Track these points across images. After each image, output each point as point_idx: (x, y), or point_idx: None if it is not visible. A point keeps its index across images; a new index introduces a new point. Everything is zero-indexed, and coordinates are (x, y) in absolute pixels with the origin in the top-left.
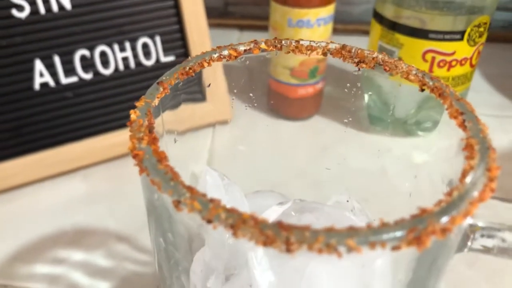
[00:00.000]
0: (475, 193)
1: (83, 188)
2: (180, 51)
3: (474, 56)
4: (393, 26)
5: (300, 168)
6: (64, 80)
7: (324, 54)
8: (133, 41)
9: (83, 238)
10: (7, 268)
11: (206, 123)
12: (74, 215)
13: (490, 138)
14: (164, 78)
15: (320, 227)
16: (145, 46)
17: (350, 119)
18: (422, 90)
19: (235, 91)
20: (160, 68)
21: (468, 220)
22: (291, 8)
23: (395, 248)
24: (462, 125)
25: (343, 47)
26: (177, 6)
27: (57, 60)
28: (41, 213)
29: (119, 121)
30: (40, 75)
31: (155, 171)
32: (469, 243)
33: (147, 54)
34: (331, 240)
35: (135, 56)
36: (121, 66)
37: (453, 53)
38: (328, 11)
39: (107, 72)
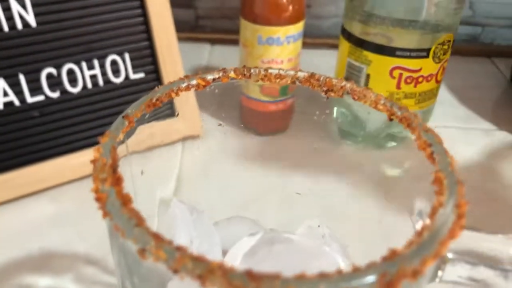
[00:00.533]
0: (445, 232)
1: (51, 209)
2: (150, 68)
3: (440, 72)
4: (361, 43)
5: (271, 186)
6: (30, 99)
7: (293, 82)
8: (101, 59)
9: (51, 261)
10: None
11: (176, 139)
12: (41, 238)
13: (458, 171)
14: (129, 111)
15: (291, 264)
16: (114, 63)
17: (321, 134)
18: (391, 119)
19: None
20: (129, 85)
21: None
22: (261, 26)
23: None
24: (431, 158)
25: (312, 75)
26: (146, 23)
27: (22, 78)
28: (7, 236)
29: (87, 140)
30: (4, 94)
31: (118, 215)
32: (440, 274)
33: (116, 71)
34: None
35: (104, 73)
36: (89, 84)
37: (419, 70)
38: (297, 28)
39: (75, 90)
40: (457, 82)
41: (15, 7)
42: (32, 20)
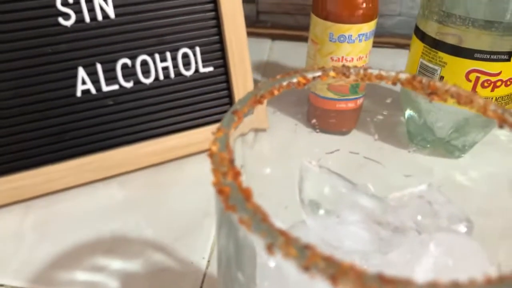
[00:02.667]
0: None
1: (121, 195)
2: (219, 62)
3: None
4: (436, 44)
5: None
6: (105, 88)
7: (394, 83)
8: (173, 51)
9: (121, 245)
10: (45, 274)
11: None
12: (111, 222)
13: None
14: (238, 107)
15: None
16: (185, 56)
17: (388, 135)
18: (501, 127)
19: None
20: (198, 78)
21: None
22: (333, 23)
23: None
24: None
25: (414, 77)
26: (217, 18)
27: (99, 68)
28: (80, 218)
29: (158, 130)
30: (83, 83)
31: (243, 209)
32: None
33: (186, 64)
34: None
35: (175, 66)
36: (161, 76)
37: (499, 73)
38: (370, 26)
39: (147, 81)
40: None
41: (97, 0)
42: (111, 12)
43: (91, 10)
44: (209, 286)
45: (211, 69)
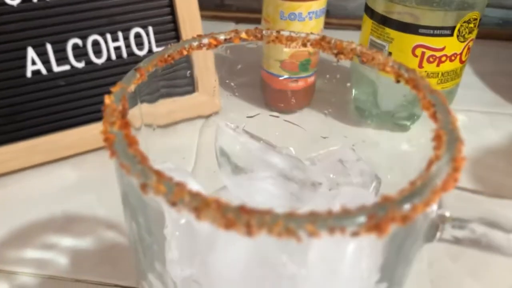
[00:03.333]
0: (438, 182)
1: (74, 176)
2: (173, 41)
3: (464, 52)
4: (384, 21)
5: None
6: (56, 68)
7: (304, 45)
8: (126, 31)
9: (73, 224)
10: None
11: (194, 115)
12: (64, 202)
13: (459, 129)
14: (142, 64)
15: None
16: (137, 36)
17: (338, 112)
18: (398, 81)
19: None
20: None
21: (436, 211)
22: (283, 1)
23: (354, 234)
24: (433, 117)
25: (323, 38)
26: None
27: (49, 48)
28: (32, 199)
29: None
30: (33, 63)
31: (124, 154)
32: (438, 234)
33: (139, 44)
34: (290, 224)
35: (128, 46)
36: (113, 56)
37: (443, 49)
38: (319, 4)
39: (99, 61)
40: (486, 66)
41: None
42: None
43: None
44: None
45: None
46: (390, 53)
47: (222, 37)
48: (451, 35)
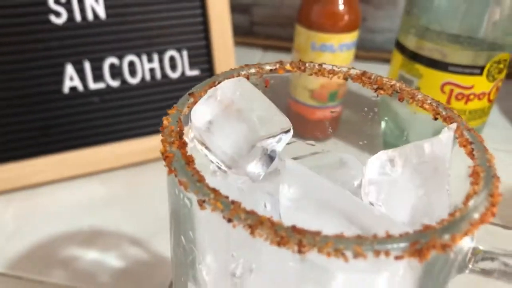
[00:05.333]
0: (477, 215)
1: (101, 191)
2: (205, 66)
3: (493, 91)
4: (414, 57)
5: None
6: (93, 86)
7: (345, 78)
8: (161, 53)
9: (98, 238)
10: (24, 261)
11: None
12: (91, 216)
13: (496, 167)
14: (194, 89)
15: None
16: (172, 59)
17: (366, 142)
18: (436, 118)
19: None
20: (185, 81)
21: (470, 243)
22: (315, 33)
23: (398, 257)
24: (471, 154)
25: (363, 73)
26: (205, 23)
27: (87, 66)
28: (59, 212)
29: (141, 129)
30: (70, 79)
31: (183, 172)
32: (470, 265)
33: (173, 66)
34: (339, 245)
35: (162, 68)
36: (147, 76)
37: (471, 87)
38: (351, 37)
39: (134, 81)
40: None
41: None
42: (102, 12)
43: (82, 9)
44: None
45: (197, 72)
46: (418, 89)
47: (268, 67)
48: (481, 74)
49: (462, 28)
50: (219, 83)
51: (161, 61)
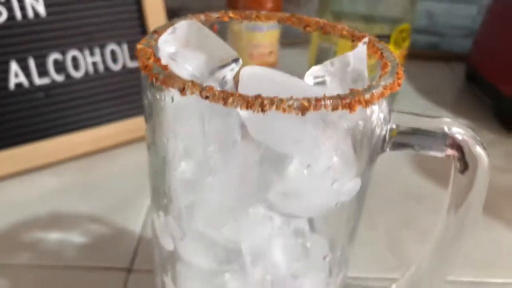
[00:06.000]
0: (387, 82)
1: (54, 182)
2: None
3: (401, 57)
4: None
5: None
6: (38, 81)
7: (279, 21)
8: (102, 47)
9: (58, 221)
10: None
11: None
12: (47, 204)
13: (399, 61)
14: (157, 28)
15: None
16: (113, 52)
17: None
18: (353, 40)
19: None
20: (126, 73)
21: (387, 112)
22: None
23: (334, 108)
24: (381, 56)
25: (292, 15)
26: (141, 18)
27: (31, 62)
28: (15, 204)
29: (88, 121)
30: (15, 76)
31: (163, 73)
32: (391, 141)
33: (114, 59)
34: (291, 102)
35: (104, 61)
36: (91, 70)
37: None
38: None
39: (78, 74)
40: (419, 82)
41: None
42: (42, 10)
43: (22, 8)
44: (145, 247)
45: (137, 64)
46: (335, 52)
47: (214, 15)
48: (389, 42)
49: (369, 9)
50: (173, 25)
51: (102, 54)
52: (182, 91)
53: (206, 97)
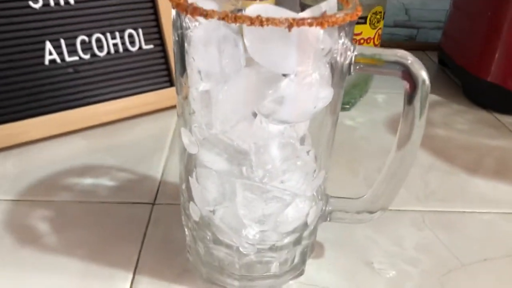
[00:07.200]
0: (350, 12)
1: (84, 143)
2: (157, 42)
3: (376, 36)
4: None
5: None
6: (68, 59)
7: None
8: (121, 32)
9: (90, 170)
10: (32, 191)
11: None
12: (80, 159)
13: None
14: None
15: None
16: (130, 35)
17: None
18: None
19: None
20: (142, 54)
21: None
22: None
23: (309, 24)
24: (345, 2)
25: None
26: (154, 7)
27: (62, 42)
28: (52, 159)
29: (110, 94)
30: (49, 54)
31: (190, 6)
32: (355, 67)
33: (132, 42)
34: (281, 19)
35: (123, 43)
36: (112, 50)
37: (360, 33)
38: None
39: (101, 54)
40: None
41: None
42: None
43: None
44: (165, 187)
45: (151, 46)
46: None
47: None
48: (365, 23)
49: None
50: None
51: (122, 38)
52: (206, 16)
53: (222, 19)
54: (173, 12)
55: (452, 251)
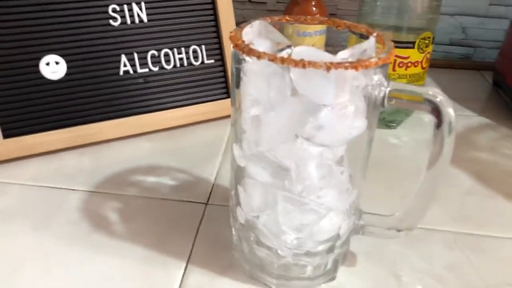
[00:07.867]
0: (383, 57)
1: (149, 145)
2: (218, 57)
3: (424, 60)
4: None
5: None
6: (140, 70)
7: (320, 22)
8: (186, 47)
9: (153, 171)
10: (105, 185)
11: None
12: (145, 159)
13: (392, 43)
14: (240, 25)
15: None
16: (194, 51)
17: None
18: (353, 32)
19: None
20: (204, 68)
21: (384, 81)
22: (298, 24)
23: (346, 67)
24: (381, 41)
25: (333, 19)
26: (216, 26)
27: (135, 56)
28: (122, 158)
29: (174, 103)
30: (124, 65)
31: (246, 47)
32: (387, 101)
33: (196, 57)
34: (320, 63)
35: (188, 58)
36: (178, 64)
37: (408, 57)
38: (322, 27)
39: (168, 67)
40: (452, 89)
41: (135, 9)
42: (145, 18)
43: (131, 16)
44: (217, 190)
45: (212, 61)
46: None
47: (276, 18)
48: (413, 48)
49: (397, 21)
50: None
51: (187, 53)
52: (258, 57)
53: (272, 60)
54: (232, 49)
55: (479, 273)
